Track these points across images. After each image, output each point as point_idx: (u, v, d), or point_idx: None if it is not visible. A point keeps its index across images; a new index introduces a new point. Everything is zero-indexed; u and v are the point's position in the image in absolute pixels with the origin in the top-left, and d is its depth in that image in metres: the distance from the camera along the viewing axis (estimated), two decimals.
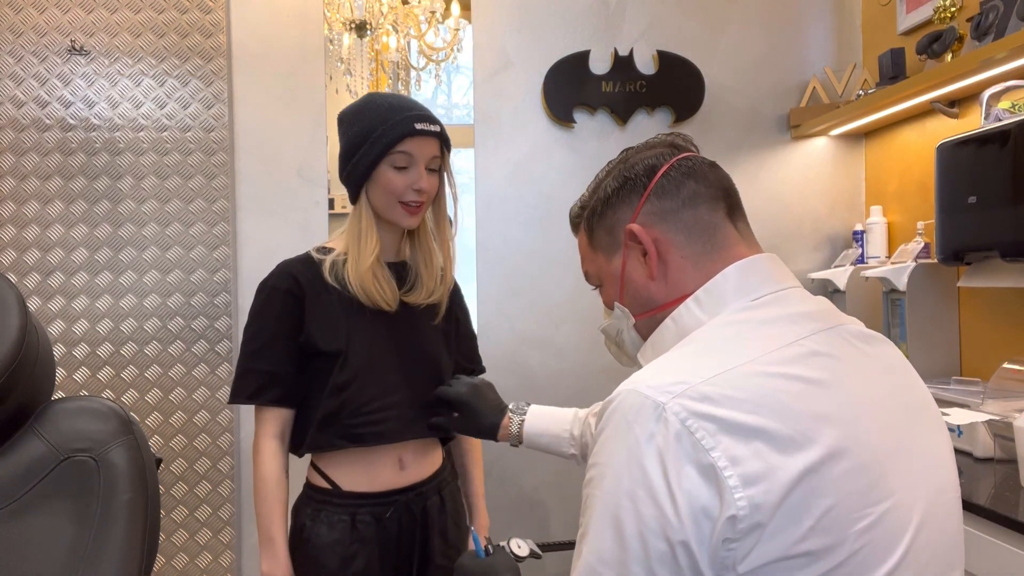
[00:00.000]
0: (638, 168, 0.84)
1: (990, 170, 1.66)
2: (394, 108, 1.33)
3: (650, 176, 0.82)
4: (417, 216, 1.36)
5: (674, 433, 0.65)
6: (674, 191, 0.81)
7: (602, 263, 0.88)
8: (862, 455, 0.67)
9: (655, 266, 0.81)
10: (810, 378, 0.70)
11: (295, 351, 1.35)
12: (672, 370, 0.70)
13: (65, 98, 2.18)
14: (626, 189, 0.84)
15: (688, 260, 0.80)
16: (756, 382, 0.68)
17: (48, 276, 2.18)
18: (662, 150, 0.85)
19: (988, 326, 1.98)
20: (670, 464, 0.64)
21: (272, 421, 1.37)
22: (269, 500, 1.34)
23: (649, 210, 0.81)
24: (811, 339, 0.74)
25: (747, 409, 0.66)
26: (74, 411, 1.06)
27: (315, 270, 1.37)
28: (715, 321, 0.76)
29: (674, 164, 0.82)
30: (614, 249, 0.85)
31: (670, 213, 0.80)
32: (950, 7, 2.02)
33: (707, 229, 0.80)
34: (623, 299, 0.86)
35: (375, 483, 1.37)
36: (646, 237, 0.80)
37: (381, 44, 3.35)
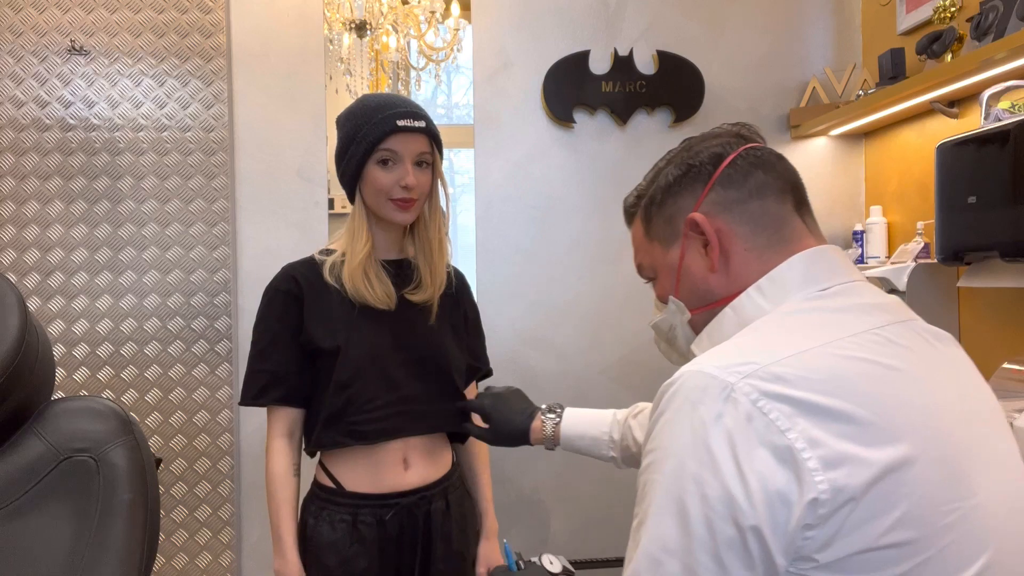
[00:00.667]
0: (703, 156, 0.81)
1: (990, 170, 1.66)
2: (380, 107, 1.35)
3: (716, 164, 0.79)
4: (409, 212, 1.37)
5: (744, 414, 0.62)
6: (740, 181, 0.78)
7: (658, 254, 0.84)
8: (946, 449, 0.64)
9: (716, 258, 0.78)
10: (890, 365, 0.66)
11: (298, 351, 1.37)
12: (738, 352, 0.67)
13: (65, 98, 2.18)
14: (689, 177, 0.81)
15: (752, 253, 0.77)
16: (833, 363, 0.65)
17: (48, 276, 2.18)
18: (728, 139, 0.82)
19: (988, 326, 1.98)
20: (740, 445, 0.61)
21: (280, 420, 1.39)
22: (277, 499, 1.37)
23: (713, 200, 0.78)
24: (886, 329, 0.70)
25: (825, 391, 0.62)
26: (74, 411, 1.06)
27: (316, 271, 1.39)
28: (780, 309, 0.73)
29: (741, 153, 0.79)
30: (672, 240, 0.82)
31: (735, 204, 0.77)
32: (950, 7, 2.02)
33: (774, 222, 0.77)
34: (679, 292, 0.83)
35: (378, 484, 1.37)
36: (709, 227, 0.77)
37: (381, 44, 3.35)
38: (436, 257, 1.44)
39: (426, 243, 1.43)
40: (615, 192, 2.45)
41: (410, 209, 1.37)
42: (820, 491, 0.59)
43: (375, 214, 1.39)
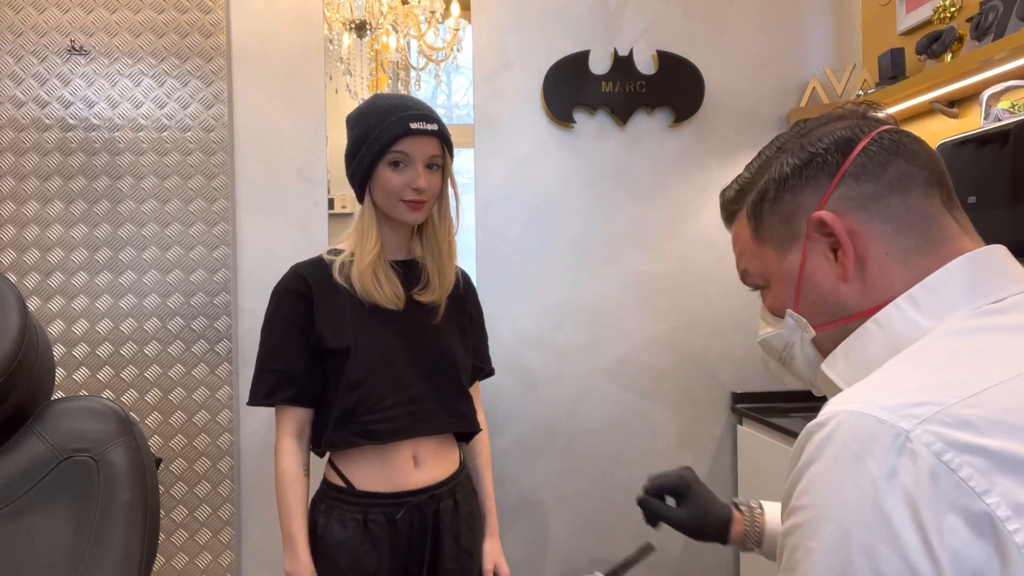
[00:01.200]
0: (827, 141, 0.66)
1: (990, 170, 1.66)
2: (393, 108, 1.35)
3: (845, 153, 0.65)
4: (420, 212, 1.38)
5: (928, 470, 0.49)
6: (878, 172, 0.64)
7: (771, 259, 0.70)
8: None
9: (851, 264, 0.64)
10: None
11: (307, 351, 1.38)
12: (907, 389, 0.53)
13: (65, 98, 2.18)
14: (812, 168, 0.66)
15: (894, 257, 0.63)
16: None
17: (48, 276, 2.18)
18: (856, 121, 0.68)
19: None
20: (925, 511, 0.48)
21: (289, 420, 1.39)
22: (287, 498, 1.37)
23: (844, 195, 0.64)
24: None
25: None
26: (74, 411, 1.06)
27: (325, 271, 1.40)
28: (944, 328, 0.60)
29: (875, 137, 0.65)
30: (791, 242, 0.68)
31: (873, 199, 0.64)
32: (950, 7, 2.02)
33: (921, 220, 0.63)
34: (799, 305, 0.69)
35: (389, 483, 1.38)
36: (840, 228, 0.64)
37: (381, 44, 3.35)
38: (445, 258, 1.44)
39: (435, 244, 1.44)
40: (615, 192, 2.45)
41: (421, 209, 1.38)
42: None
43: (385, 214, 1.39)
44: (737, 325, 2.49)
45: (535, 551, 2.42)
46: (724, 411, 2.49)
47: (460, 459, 1.50)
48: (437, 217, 1.44)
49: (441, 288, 1.44)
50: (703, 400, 2.48)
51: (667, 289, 2.47)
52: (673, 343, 2.47)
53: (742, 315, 2.50)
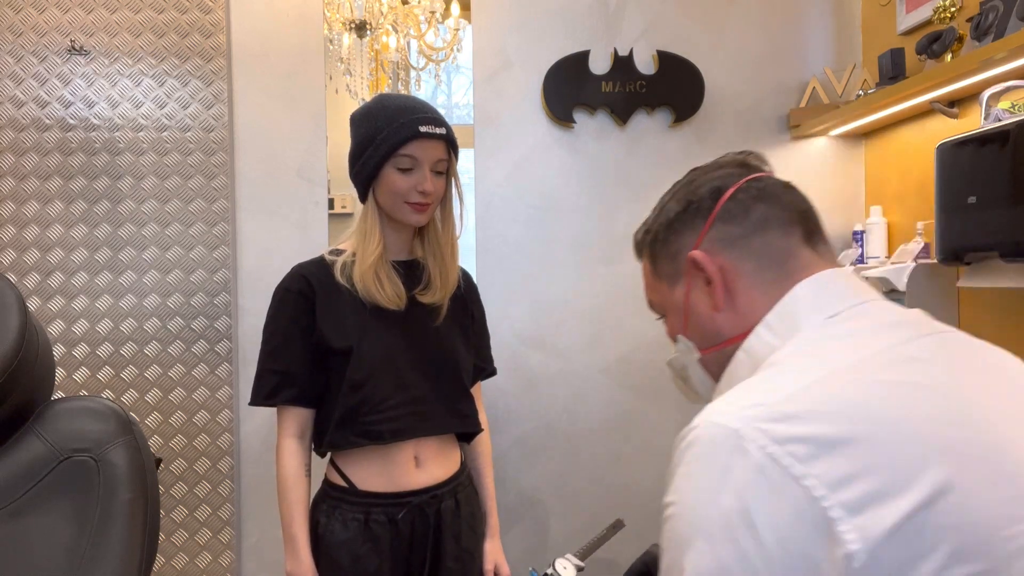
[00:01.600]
0: (703, 190, 0.77)
1: (990, 170, 1.66)
2: (401, 110, 1.34)
3: (715, 199, 0.75)
4: (424, 214, 1.38)
5: (755, 465, 0.56)
6: (742, 215, 0.74)
7: (665, 292, 0.81)
8: (998, 465, 0.57)
9: (721, 296, 0.74)
10: (915, 383, 0.60)
11: (310, 351, 1.37)
12: (746, 394, 0.62)
13: (65, 98, 2.18)
14: (689, 213, 0.77)
15: (757, 290, 0.73)
16: (848, 392, 0.59)
17: (48, 276, 2.18)
18: (730, 170, 0.79)
19: (988, 326, 1.98)
20: (752, 502, 0.55)
21: (291, 421, 1.39)
22: (289, 499, 1.37)
23: (715, 236, 0.75)
24: (908, 345, 0.64)
25: (841, 421, 0.56)
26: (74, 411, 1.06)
27: (327, 271, 1.39)
28: (790, 344, 0.68)
29: (742, 186, 0.76)
30: (677, 278, 0.78)
31: (738, 239, 0.74)
32: (950, 7, 2.02)
33: (779, 256, 0.73)
34: (687, 331, 0.80)
35: (390, 483, 1.37)
36: (711, 265, 0.74)
37: (381, 44, 3.35)
38: (447, 259, 1.44)
39: (436, 245, 1.44)
40: (615, 192, 2.45)
41: (425, 211, 1.38)
42: (849, 543, 0.52)
43: (388, 215, 1.39)
44: None
45: (535, 551, 2.42)
46: None
47: (461, 459, 1.50)
48: (439, 219, 1.44)
49: (444, 289, 1.44)
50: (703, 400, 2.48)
51: None
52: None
53: None
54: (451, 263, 1.45)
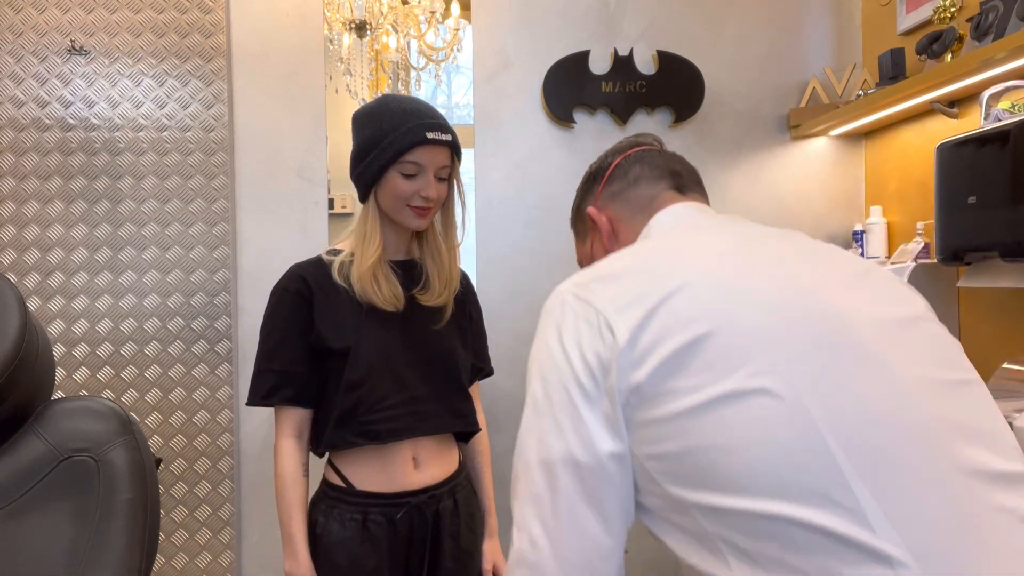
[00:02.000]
0: (602, 163, 0.99)
1: (990, 170, 1.66)
2: (407, 114, 1.33)
3: (605, 167, 0.97)
4: (425, 219, 1.38)
5: (569, 307, 0.77)
6: (622, 176, 0.95)
7: (581, 247, 1.02)
8: (724, 271, 0.74)
9: (609, 239, 0.95)
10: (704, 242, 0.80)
11: (307, 351, 1.37)
12: (583, 271, 0.83)
13: (65, 98, 2.18)
14: (590, 180, 0.99)
15: (632, 230, 0.93)
16: (649, 255, 0.80)
17: (48, 276, 2.18)
18: (624, 146, 0.99)
19: (988, 326, 1.98)
20: (564, 328, 0.76)
21: (289, 421, 1.39)
22: (287, 499, 1.37)
23: (605, 195, 0.96)
24: (730, 240, 0.82)
25: (627, 264, 0.78)
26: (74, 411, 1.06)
27: (324, 271, 1.39)
28: None
29: (628, 155, 0.97)
30: (586, 233, 1.00)
31: (618, 194, 0.95)
32: (950, 7, 2.02)
33: (646, 202, 0.93)
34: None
35: (389, 483, 1.37)
36: (600, 217, 0.95)
37: (381, 44, 3.35)
38: (446, 261, 1.44)
39: (436, 248, 1.44)
40: None
41: (426, 216, 1.38)
42: (618, 331, 0.71)
43: (388, 217, 1.39)
44: None
45: None
46: None
47: (460, 459, 1.50)
48: (439, 222, 1.44)
49: (447, 291, 1.43)
50: None
51: None
52: None
53: None
54: (452, 266, 1.45)
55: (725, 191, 2.49)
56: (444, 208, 1.43)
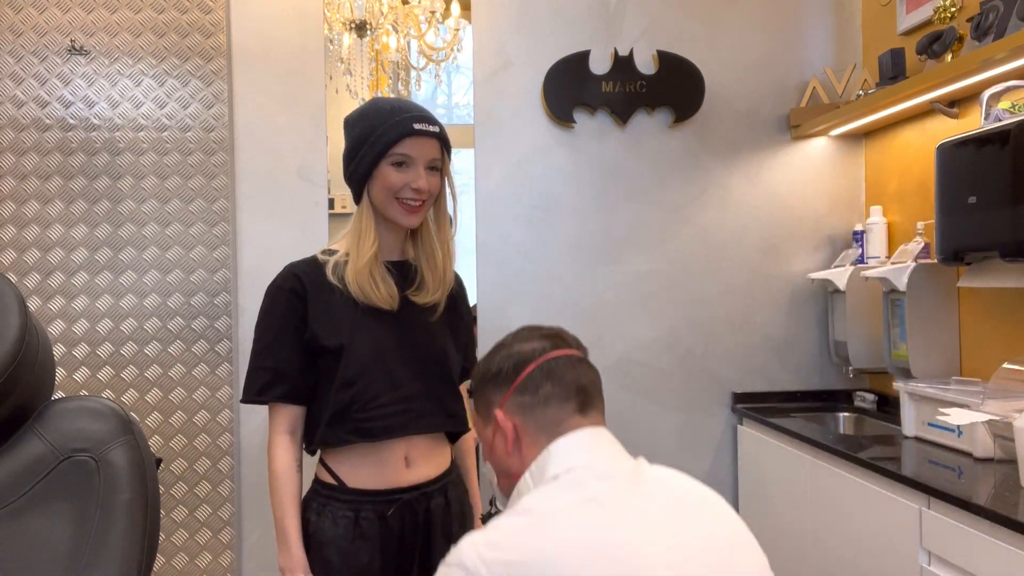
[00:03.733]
0: (512, 360, 1.01)
1: (990, 170, 1.66)
2: (395, 110, 1.36)
3: (518, 372, 0.99)
4: (417, 215, 1.39)
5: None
6: (533, 390, 0.98)
7: (481, 427, 1.05)
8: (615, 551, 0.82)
9: (511, 445, 0.98)
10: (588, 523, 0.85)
11: (301, 348, 1.38)
12: (485, 532, 0.88)
13: (65, 98, 2.18)
14: (500, 378, 1.01)
15: (535, 446, 0.97)
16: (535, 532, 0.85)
17: (48, 276, 2.18)
18: (540, 344, 1.01)
19: (988, 326, 1.98)
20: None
21: (282, 418, 1.40)
22: (280, 494, 1.38)
23: (513, 401, 0.99)
24: (594, 491, 0.89)
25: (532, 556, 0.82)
26: (74, 411, 1.06)
27: (319, 270, 1.41)
28: (535, 491, 0.93)
29: (540, 364, 0.99)
30: (488, 421, 1.03)
31: (527, 408, 0.98)
32: (950, 7, 2.02)
33: (554, 423, 0.97)
34: (491, 460, 1.04)
35: (380, 480, 1.38)
36: (507, 423, 0.98)
37: (381, 44, 3.35)
38: (440, 260, 1.45)
39: (429, 246, 1.45)
40: (615, 192, 2.45)
41: (418, 212, 1.39)
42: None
43: (382, 215, 1.40)
44: (737, 325, 2.49)
45: None
46: (724, 411, 2.49)
47: (452, 458, 1.51)
48: (432, 219, 1.45)
49: (441, 288, 1.44)
50: (703, 400, 2.48)
51: (667, 289, 2.47)
52: (673, 343, 2.47)
53: (742, 315, 2.50)
54: (445, 263, 1.46)
55: (725, 191, 2.49)
56: (436, 204, 1.44)
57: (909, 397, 1.93)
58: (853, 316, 2.27)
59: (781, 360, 2.51)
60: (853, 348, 2.28)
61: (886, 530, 1.66)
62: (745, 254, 2.50)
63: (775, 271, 2.51)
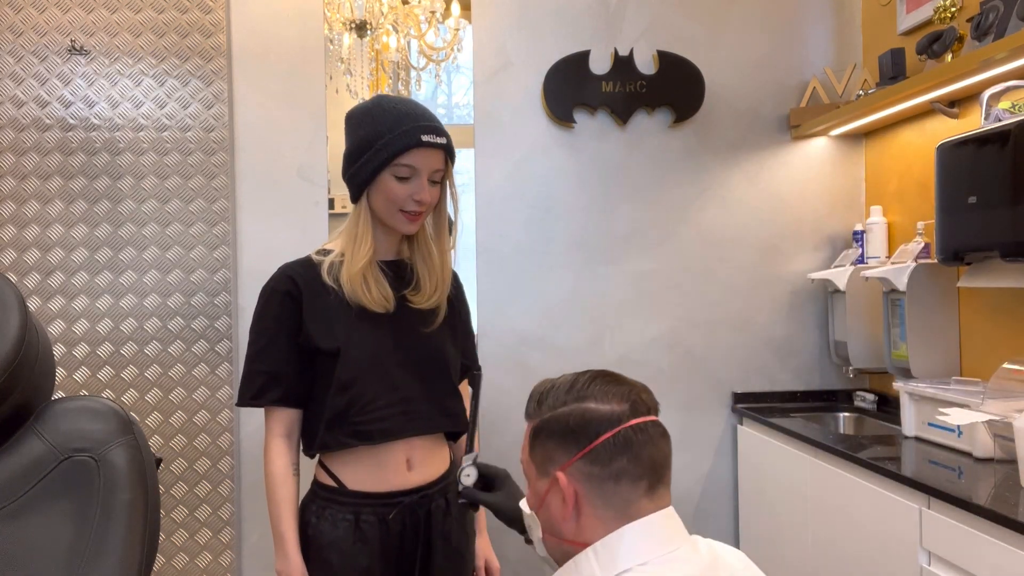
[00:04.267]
0: (584, 422, 0.91)
1: (990, 170, 1.66)
2: (402, 117, 1.32)
3: (590, 439, 0.90)
4: (416, 223, 1.38)
5: None
6: (606, 462, 0.89)
7: (532, 473, 0.97)
8: None
9: (570, 511, 0.90)
10: None
11: (296, 351, 1.37)
12: None
13: (65, 98, 2.18)
14: (570, 438, 0.91)
15: (598, 520, 0.90)
16: None
17: (48, 276, 2.18)
18: (619, 408, 0.91)
19: (988, 326, 1.98)
20: None
21: (278, 421, 1.39)
22: (277, 498, 1.37)
23: (579, 467, 0.90)
24: None
25: None
26: (74, 411, 1.05)
27: (314, 271, 1.39)
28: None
29: (616, 433, 0.90)
30: (544, 472, 0.94)
31: (594, 479, 0.89)
32: (950, 7, 2.02)
33: (623, 503, 0.89)
34: (539, 512, 0.96)
35: (381, 483, 1.37)
36: (568, 489, 0.90)
37: (381, 44, 3.35)
38: (437, 261, 1.43)
39: (425, 247, 1.44)
40: (615, 192, 2.45)
41: (418, 220, 1.37)
42: None
43: (380, 220, 1.38)
44: (737, 325, 2.49)
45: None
46: (724, 411, 2.49)
47: (451, 459, 1.50)
48: (431, 224, 1.44)
49: (436, 295, 1.43)
50: (703, 400, 2.48)
51: (667, 289, 2.47)
52: (673, 343, 2.47)
53: (742, 315, 2.50)
54: (444, 268, 1.44)
55: (725, 191, 2.49)
56: (436, 210, 1.42)
57: (909, 397, 1.93)
58: (853, 316, 2.27)
59: (781, 360, 2.51)
60: (853, 348, 2.28)
61: (886, 530, 1.66)
62: (745, 254, 2.50)
63: (775, 271, 2.51)
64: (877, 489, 1.69)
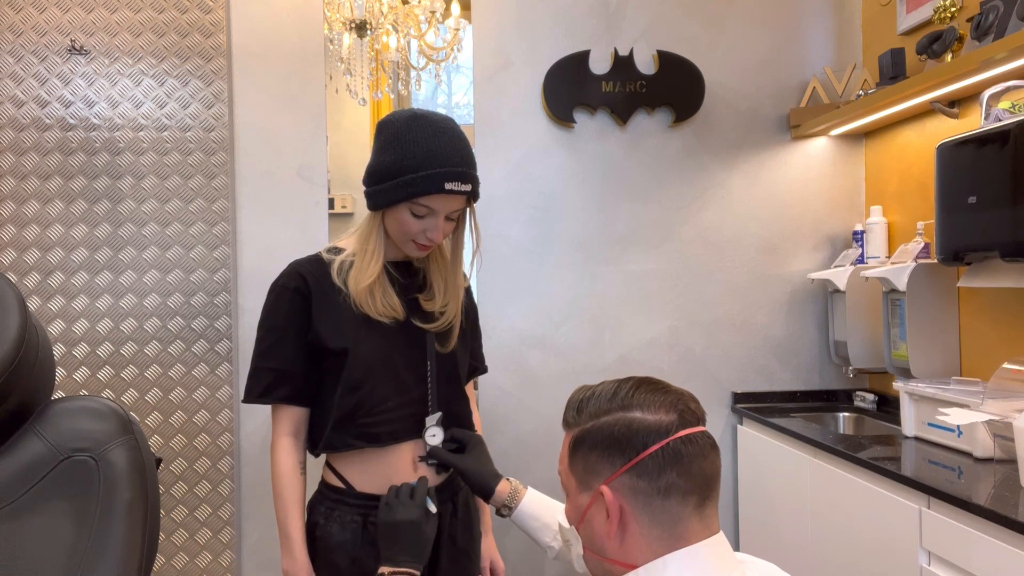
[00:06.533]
0: (631, 433, 0.85)
1: (990, 170, 1.66)
2: (431, 155, 1.27)
3: (637, 451, 0.84)
4: (425, 252, 1.37)
5: None
6: (654, 475, 0.83)
7: (572, 487, 0.90)
8: None
9: (615, 529, 0.84)
10: None
11: (305, 349, 1.36)
12: None
13: (65, 98, 2.18)
14: (615, 449, 0.85)
15: (644, 539, 0.83)
16: None
17: (48, 276, 2.18)
18: (667, 418, 0.86)
19: (988, 326, 1.98)
20: None
21: (285, 419, 1.38)
22: (283, 497, 1.36)
23: (625, 481, 0.84)
24: None
25: None
26: (74, 411, 1.05)
27: (324, 270, 1.37)
28: None
29: (664, 446, 0.84)
30: (586, 487, 0.88)
31: (641, 493, 0.83)
32: (950, 7, 2.02)
33: (671, 521, 0.83)
34: (580, 528, 0.90)
35: (388, 485, 1.37)
36: (613, 504, 0.83)
37: (381, 44, 3.34)
38: (450, 271, 1.42)
39: (439, 253, 1.43)
40: (615, 192, 2.45)
41: (427, 250, 1.37)
42: None
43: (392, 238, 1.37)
44: (737, 325, 2.49)
45: (535, 551, 2.42)
46: (724, 411, 2.49)
47: None
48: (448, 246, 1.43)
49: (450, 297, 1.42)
50: (703, 400, 2.46)
51: (667, 289, 2.47)
52: (673, 343, 2.47)
53: (742, 315, 2.50)
54: (453, 288, 1.42)
55: (725, 191, 2.49)
56: (454, 234, 1.40)
57: (909, 397, 1.93)
58: (853, 316, 2.27)
59: (781, 360, 2.51)
60: (853, 348, 2.28)
61: (886, 530, 1.66)
62: (745, 254, 2.50)
63: (775, 271, 2.51)
64: (877, 489, 1.69)
